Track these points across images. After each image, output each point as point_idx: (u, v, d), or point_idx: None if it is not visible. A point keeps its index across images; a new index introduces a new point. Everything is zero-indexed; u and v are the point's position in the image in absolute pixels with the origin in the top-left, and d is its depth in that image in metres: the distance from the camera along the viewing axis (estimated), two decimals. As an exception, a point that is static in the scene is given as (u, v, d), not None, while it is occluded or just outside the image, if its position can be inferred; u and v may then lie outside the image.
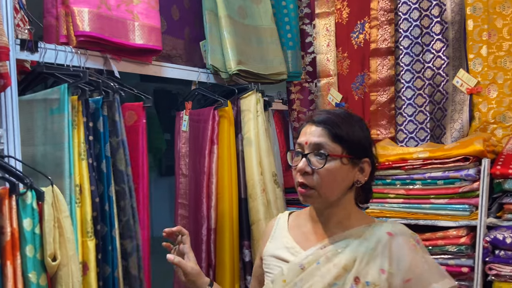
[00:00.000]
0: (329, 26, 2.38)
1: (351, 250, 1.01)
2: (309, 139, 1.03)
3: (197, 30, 2.15)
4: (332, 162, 1.00)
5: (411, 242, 1.01)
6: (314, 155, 1.01)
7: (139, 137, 1.52)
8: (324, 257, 1.02)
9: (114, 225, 1.36)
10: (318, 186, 1.00)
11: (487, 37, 1.85)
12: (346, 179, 1.03)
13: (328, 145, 1.01)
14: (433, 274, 0.99)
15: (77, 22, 1.45)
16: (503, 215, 1.59)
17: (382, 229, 1.03)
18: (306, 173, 1.01)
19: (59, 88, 1.31)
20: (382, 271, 0.97)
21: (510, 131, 1.82)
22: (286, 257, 1.08)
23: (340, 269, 0.99)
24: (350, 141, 1.02)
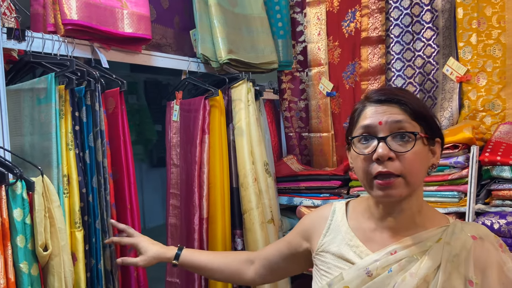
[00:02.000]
0: (320, 14, 2.37)
1: (431, 257, 0.85)
2: (384, 118, 0.86)
3: (187, 19, 2.13)
4: (417, 144, 0.86)
5: (497, 247, 0.88)
6: (394, 137, 0.85)
7: (119, 124, 1.48)
8: (397, 264, 0.86)
9: (98, 217, 1.35)
10: (406, 172, 0.85)
11: (476, 25, 1.86)
12: (426, 162, 0.89)
13: (409, 123, 0.86)
14: None
15: (64, 10, 1.42)
16: (491, 201, 1.61)
17: (465, 231, 0.89)
18: (389, 159, 0.84)
19: (46, 78, 1.30)
20: (470, 282, 0.83)
21: (499, 118, 1.84)
22: (351, 258, 0.93)
23: (420, 280, 0.83)
24: (428, 118, 0.89)
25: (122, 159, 1.49)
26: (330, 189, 2.05)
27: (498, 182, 1.60)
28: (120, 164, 1.49)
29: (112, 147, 1.49)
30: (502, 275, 0.85)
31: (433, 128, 0.90)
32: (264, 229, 1.88)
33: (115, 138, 1.50)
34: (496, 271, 0.84)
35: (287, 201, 2.21)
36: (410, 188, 0.87)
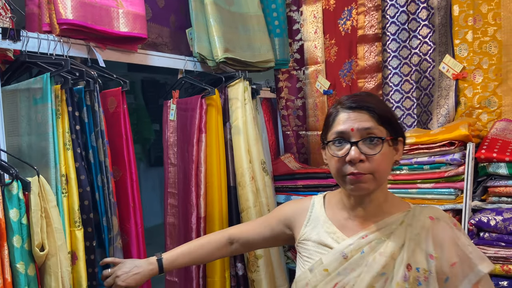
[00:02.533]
0: (317, 12, 2.37)
1: (396, 237, 0.98)
2: (355, 125, 0.98)
3: (182, 18, 2.13)
4: (384, 146, 0.97)
5: (452, 226, 1.00)
6: (364, 141, 0.97)
7: (121, 123, 1.49)
8: (368, 246, 0.99)
9: (104, 214, 1.36)
10: (375, 171, 0.97)
11: (472, 23, 1.86)
12: (391, 161, 1.02)
13: (377, 128, 0.97)
14: (476, 256, 0.97)
15: (59, 9, 1.42)
16: (488, 198, 1.62)
17: (423, 213, 1.01)
18: (360, 161, 0.96)
19: (42, 78, 1.29)
20: (430, 256, 0.96)
21: (495, 115, 1.85)
22: (330, 243, 1.05)
23: (388, 257, 0.96)
24: (392, 122, 1.01)
25: (125, 158, 1.48)
26: (328, 187, 2.06)
27: (495, 178, 1.60)
28: (122, 163, 1.49)
29: (114, 146, 1.49)
30: (457, 248, 0.97)
31: (396, 130, 1.01)
32: (262, 227, 1.88)
33: (117, 137, 1.49)
34: (452, 245, 0.97)
35: (285, 199, 2.21)
36: (378, 183, 1.00)
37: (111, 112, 1.52)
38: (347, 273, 0.99)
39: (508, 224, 1.49)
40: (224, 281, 1.83)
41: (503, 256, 1.50)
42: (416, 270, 0.95)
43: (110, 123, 1.49)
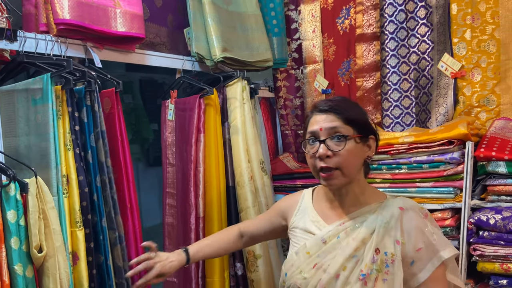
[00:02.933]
0: (315, 11, 2.37)
1: (368, 225, 1.11)
2: (323, 125, 1.11)
3: (180, 17, 2.12)
4: (347, 142, 1.09)
5: (420, 216, 1.11)
6: (331, 139, 1.10)
7: (116, 124, 1.49)
8: (344, 232, 1.12)
9: (103, 215, 1.35)
10: (341, 165, 1.09)
11: (470, 21, 1.86)
12: (360, 156, 1.13)
13: (342, 127, 1.10)
14: (440, 243, 1.09)
15: (56, 9, 1.41)
16: (487, 196, 1.62)
17: (394, 204, 1.13)
18: (328, 157, 1.09)
19: (42, 78, 1.29)
20: (397, 242, 1.07)
21: (494, 114, 1.85)
22: (313, 230, 1.19)
23: (359, 242, 1.09)
24: (359, 122, 1.13)
25: (121, 159, 1.49)
26: (327, 186, 2.05)
27: (494, 177, 1.60)
28: (118, 164, 1.49)
29: (110, 147, 1.48)
30: (423, 235, 1.09)
31: (365, 129, 1.13)
32: (261, 227, 1.87)
33: (112, 138, 1.49)
34: (418, 233, 1.08)
35: (284, 199, 2.21)
36: (347, 178, 1.12)
37: (106, 113, 1.51)
38: (325, 255, 1.12)
39: (507, 222, 1.49)
40: (223, 281, 1.83)
41: (502, 255, 1.50)
42: (384, 254, 1.07)
43: (106, 124, 1.48)
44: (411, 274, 1.09)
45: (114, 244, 1.37)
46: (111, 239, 1.38)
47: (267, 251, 1.89)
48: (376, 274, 1.06)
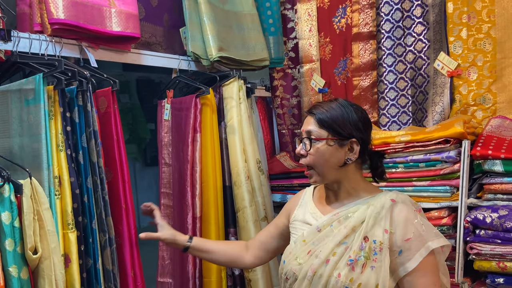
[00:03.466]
0: (311, 10, 2.37)
1: (359, 214, 1.17)
2: (304, 127, 1.24)
3: (176, 17, 2.11)
4: (318, 144, 1.19)
5: (411, 209, 1.16)
6: (306, 140, 1.22)
7: (111, 124, 1.47)
8: (337, 221, 1.20)
9: (94, 217, 1.34)
10: (313, 165, 1.21)
11: (466, 20, 1.86)
12: (336, 157, 1.20)
13: (316, 131, 1.20)
14: (429, 234, 1.13)
15: (51, 9, 1.40)
16: (483, 195, 1.62)
17: (387, 196, 1.18)
18: (302, 155, 1.23)
19: (34, 78, 1.28)
20: (385, 231, 1.13)
21: (490, 112, 1.85)
22: (310, 221, 1.28)
23: (349, 230, 1.16)
24: (335, 126, 1.19)
25: (116, 159, 1.47)
26: (323, 185, 2.05)
27: (490, 176, 1.60)
28: (114, 164, 1.47)
29: (105, 146, 1.47)
30: (413, 226, 1.13)
31: (342, 133, 1.19)
32: (258, 227, 1.87)
33: (108, 138, 1.48)
34: (408, 224, 1.13)
35: (281, 198, 2.21)
36: (322, 176, 1.22)
37: (102, 112, 1.50)
38: (319, 242, 1.19)
39: (504, 221, 1.49)
40: (220, 281, 1.82)
41: (499, 253, 1.51)
42: (373, 242, 1.12)
43: (101, 123, 1.47)
44: (399, 264, 1.12)
45: (104, 247, 1.35)
46: (101, 242, 1.36)
47: (264, 250, 1.89)
48: (364, 261, 1.11)
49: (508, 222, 1.48)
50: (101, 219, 1.35)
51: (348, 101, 1.25)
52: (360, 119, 1.21)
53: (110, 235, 1.37)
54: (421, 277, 1.11)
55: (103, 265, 1.35)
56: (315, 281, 1.14)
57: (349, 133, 1.19)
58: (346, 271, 1.11)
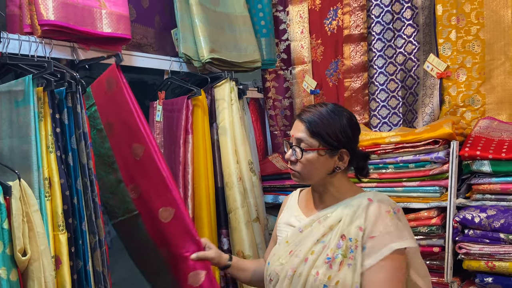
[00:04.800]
0: (303, 13, 2.38)
1: (337, 213, 1.20)
2: (294, 133, 1.22)
3: (167, 18, 2.11)
4: (309, 154, 1.19)
5: (386, 209, 1.16)
6: (297, 147, 1.21)
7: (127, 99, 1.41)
8: (317, 221, 1.23)
9: (84, 219, 1.33)
10: (301, 172, 1.22)
11: (455, 22, 1.88)
12: (325, 166, 1.21)
13: (307, 139, 1.19)
14: (395, 236, 1.13)
15: (41, 10, 1.40)
16: (472, 195, 1.64)
17: (365, 196, 1.21)
18: (292, 161, 1.23)
19: (24, 80, 1.27)
20: (360, 228, 1.14)
21: (479, 114, 1.87)
22: (294, 223, 1.30)
23: (327, 228, 1.19)
24: (326, 137, 1.19)
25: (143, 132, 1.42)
26: (315, 186, 2.06)
27: (478, 176, 1.62)
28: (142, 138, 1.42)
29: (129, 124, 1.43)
30: (381, 226, 1.14)
31: (333, 144, 1.19)
32: (250, 228, 1.88)
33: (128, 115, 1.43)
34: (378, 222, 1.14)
35: (273, 199, 2.22)
36: (307, 180, 1.24)
37: (112, 93, 1.46)
38: (299, 242, 1.22)
39: (492, 221, 1.51)
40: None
41: (488, 253, 1.52)
42: (349, 240, 1.14)
43: (116, 103, 1.43)
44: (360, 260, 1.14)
45: (94, 248, 1.35)
46: (91, 244, 1.35)
47: (257, 251, 1.89)
48: (342, 259, 1.13)
49: (496, 222, 1.50)
50: (91, 221, 1.34)
51: (337, 106, 1.24)
52: (350, 126, 1.21)
53: (100, 236, 1.36)
54: (377, 273, 1.11)
55: (93, 267, 1.35)
56: (295, 280, 1.16)
57: (340, 144, 1.20)
58: (324, 269, 1.13)
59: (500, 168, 1.56)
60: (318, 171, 1.21)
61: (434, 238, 1.67)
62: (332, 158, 1.21)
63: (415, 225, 1.68)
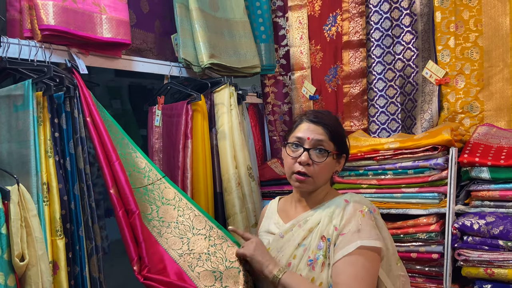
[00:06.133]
0: (302, 18, 2.39)
1: (316, 216, 1.24)
2: (311, 135, 1.23)
3: (167, 23, 2.12)
4: (328, 157, 1.23)
5: (360, 208, 1.20)
6: (314, 150, 1.22)
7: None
8: (297, 225, 1.26)
9: (81, 224, 1.33)
10: (315, 175, 1.23)
11: (454, 29, 1.89)
12: (332, 170, 1.28)
13: (326, 142, 1.23)
14: (364, 234, 1.16)
15: (41, 15, 1.40)
16: (471, 202, 1.64)
17: (342, 198, 1.26)
18: (307, 164, 1.22)
19: (23, 84, 1.27)
20: (335, 228, 1.19)
21: (477, 120, 1.88)
22: (273, 230, 1.33)
23: (306, 231, 1.22)
24: (341, 141, 1.27)
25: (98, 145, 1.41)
26: (314, 192, 2.06)
27: (477, 183, 1.62)
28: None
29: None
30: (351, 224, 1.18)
31: (343, 148, 1.27)
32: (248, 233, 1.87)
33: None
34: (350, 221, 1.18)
35: (272, 204, 2.21)
36: (316, 186, 1.27)
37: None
38: (281, 248, 1.25)
39: (491, 227, 1.50)
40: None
41: (487, 260, 1.52)
42: (328, 240, 1.18)
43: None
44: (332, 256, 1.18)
45: (91, 254, 1.34)
46: (88, 249, 1.35)
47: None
48: (323, 260, 1.16)
49: (495, 229, 1.49)
50: (88, 226, 1.34)
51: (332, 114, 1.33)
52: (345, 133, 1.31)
53: (96, 242, 1.36)
54: (344, 267, 1.13)
55: (90, 272, 1.34)
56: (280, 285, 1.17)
57: (345, 148, 1.29)
58: (306, 272, 1.16)
59: (499, 175, 1.56)
60: (327, 175, 1.27)
61: (433, 245, 1.66)
62: (337, 162, 1.28)
63: (414, 231, 1.68)
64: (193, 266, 1.32)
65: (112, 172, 1.39)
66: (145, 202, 1.46)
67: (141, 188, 1.48)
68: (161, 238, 1.39)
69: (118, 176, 1.39)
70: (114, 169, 1.39)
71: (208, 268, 1.31)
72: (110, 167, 1.39)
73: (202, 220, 1.44)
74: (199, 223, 1.44)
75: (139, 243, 1.34)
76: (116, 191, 1.38)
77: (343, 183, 1.90)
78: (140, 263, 1.32)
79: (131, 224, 1.36)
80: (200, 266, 1.32)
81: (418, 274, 1.72)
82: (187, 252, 1.35)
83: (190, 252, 1.35)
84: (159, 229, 1.41)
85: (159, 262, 1.33)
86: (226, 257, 1.35)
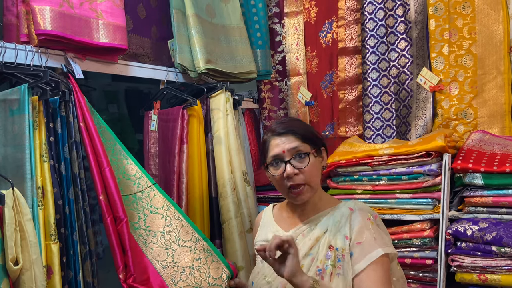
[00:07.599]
0: (298, 25, 2.41)
1: (321, 225, 1.23)
2: (285, 147, 1.22)
3: (164, 29, 2.13)
4: (310, 158, 1.22)
5: (367, 216, 1.21)
6: (294, 158, 1.21)
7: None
8: (301, 234, 1.24)
9: (75, 229, 1.33)
10: (307, 180, 1.21)
11: (448, 36, 1.91)
12: (319, 168, 1.28)
13: (301, 146, 1.22)
14: (379, 242, 1.17)
15: (38, 20, 1.41)
16: (464, 208, 1.65)
17: (345, 206, 1.25)
18: (296, 174, 1.20)
19: (19, 88, 1.28)
20: (346, 237, 1.18)
21: (471, 127, 1.89)
22: None
23: (313, 241, 1.20)
24: (312, 138, 1.26)
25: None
26: (309, 197, 2.06)
27: (470, 189, 1.63)
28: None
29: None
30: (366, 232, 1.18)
31: (317, 143, 1.26)
32: (243, 238, 1.87)
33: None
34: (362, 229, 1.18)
35: (267, 210, 2.21)
36: (314, 190, 1.25)
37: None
38: None
39: (484, 233, 1.51)
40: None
41: (480, 265, 1.53)
42: (336, 250, 1.17)
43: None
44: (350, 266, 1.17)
45: (85, 259, 1.34)
46: (82, 254, 1.35)
47: (249, 262, 1.89)
48: (331, 269, 1.15)
49: (488, 235, 1.50)
50: (82, 231, 1.34)
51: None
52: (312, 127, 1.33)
53: (90, 247, 1.36)
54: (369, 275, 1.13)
55: (84, 277, 1.34)
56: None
57: (319, 141, 1.28)
58: None
59: (492, 181, 1.58)
60: (318, 174, 1.26)
61: (427, 250, 1.67)
62: (320, 157, 1.28)
63: (408, 237, 1.69)
64: (176, 280, 1.33)
65: (102, 178, 1.39)
66: (133, 210, 1.45)
67: (130, 195, 1.48)
68: (146, 248, 1.39)
69: (108, 183, 1.38)
70: (105, 175, 1.39)
71: (191, 283, 1.32)
72: (100, 173, 1.39)
73: (189, 231, 1.43)
74: (186, 234, 1.43)
75: (125, 251, 1.34)
76: (106, 197, 1.38)
77: (338, 188, 1.91)
78: (126, 271, 1.32)
79: (118, 231, 1.36)
80: (184, 280, 1.33)
81: (412, 280, 1.72)
82: (171, 264, 1.36)
83: (174, 265, 1.36)
84: (145, 239, 1.41)
85: (143, 273, 1.33)
86: (210, 273, 1.35)
